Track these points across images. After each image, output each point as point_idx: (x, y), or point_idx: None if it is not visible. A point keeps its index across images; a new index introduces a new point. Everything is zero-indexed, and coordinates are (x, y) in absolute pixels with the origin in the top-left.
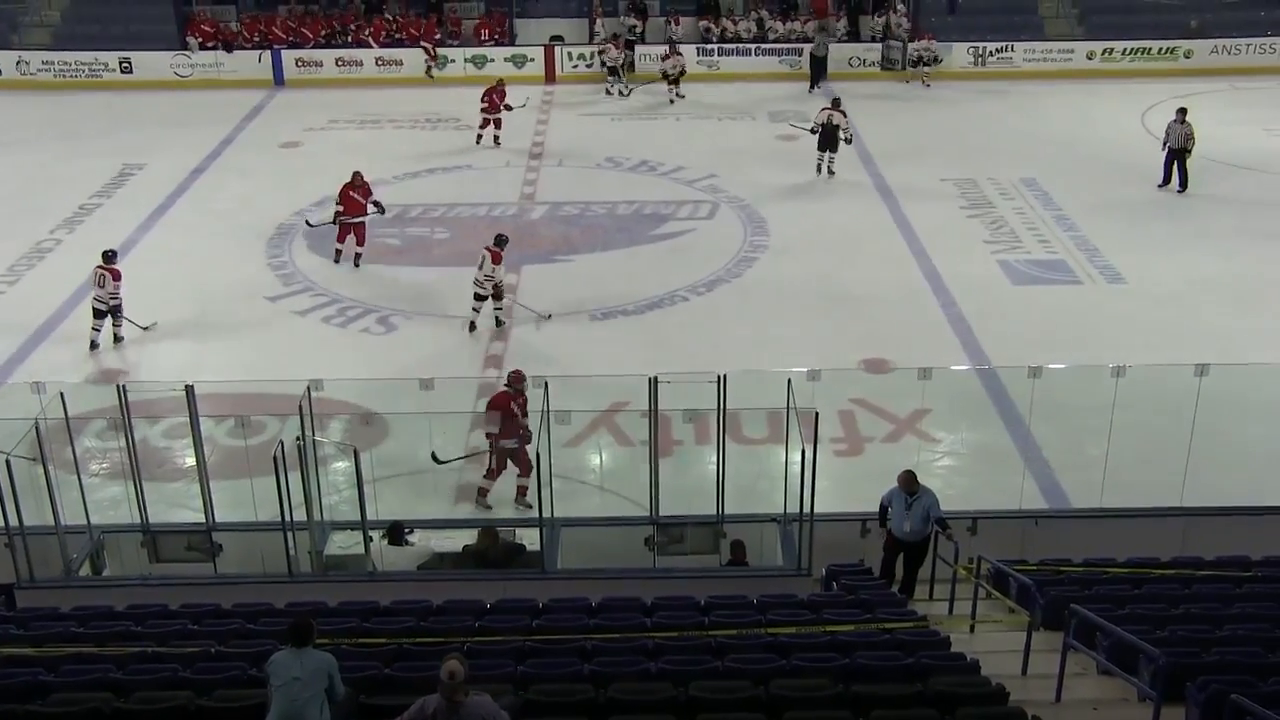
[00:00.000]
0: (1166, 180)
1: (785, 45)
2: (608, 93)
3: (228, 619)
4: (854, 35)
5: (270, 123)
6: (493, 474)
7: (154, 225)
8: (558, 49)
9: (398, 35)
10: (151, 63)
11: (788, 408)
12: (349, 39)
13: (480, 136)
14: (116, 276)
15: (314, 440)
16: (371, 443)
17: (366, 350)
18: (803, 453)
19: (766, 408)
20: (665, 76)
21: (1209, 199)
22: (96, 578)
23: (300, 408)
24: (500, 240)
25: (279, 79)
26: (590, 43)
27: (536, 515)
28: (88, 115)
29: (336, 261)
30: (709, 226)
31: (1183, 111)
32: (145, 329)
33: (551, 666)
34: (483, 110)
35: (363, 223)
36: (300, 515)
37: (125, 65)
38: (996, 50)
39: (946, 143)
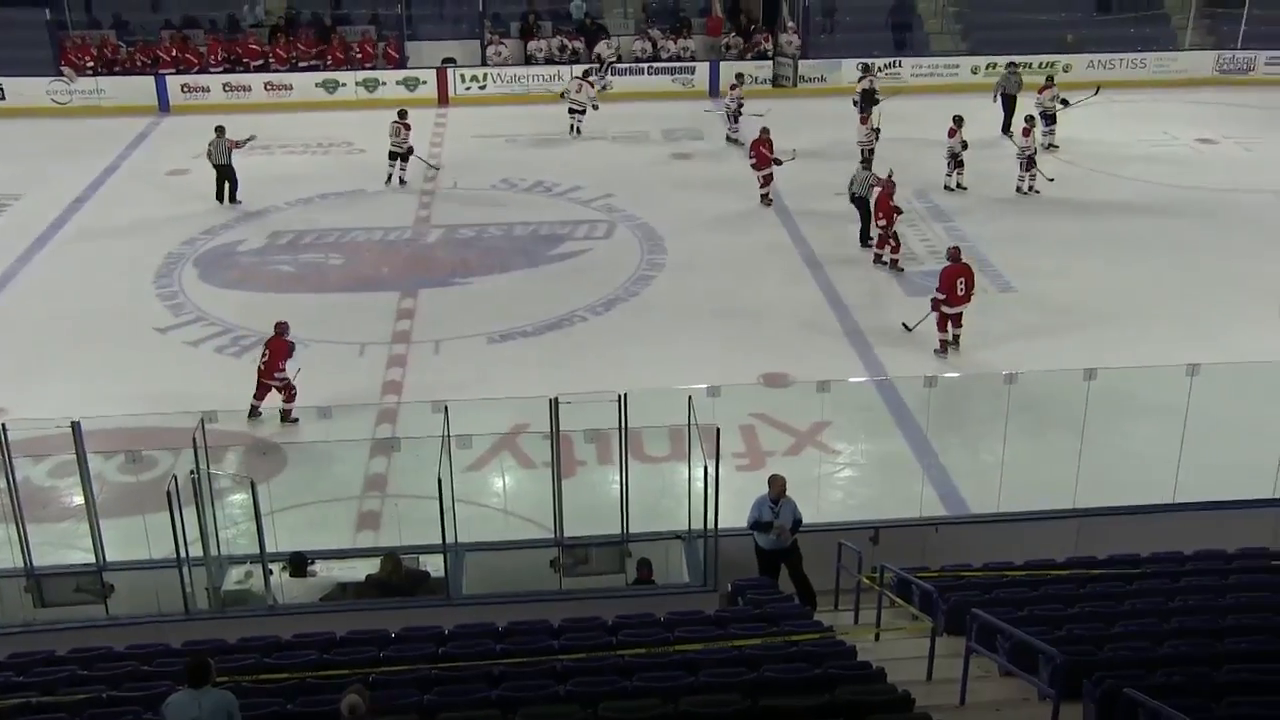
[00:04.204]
0: (1006, 130)
1: (677, 64)
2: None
3: (120, 662)
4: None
5: (156, 150)
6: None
7: (33, 258)
8: (450, 71)
9: (297, 60)
10: (27, 89)
11: (689, 424)
12: (269, 61)
13: (391, 176)
14: None
15: (209, 473)
16: (270, 474)
17: None
18: (705, 469)
19: (668, 425)
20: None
21: (1094, 207)
22: None
23: (194, 440)
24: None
25: (164, 105)
26: (484, 64)
27: (440, 541)
28: None
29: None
30: (606, 246)
31: (1013, 64)
32: None
33: (458, 694)
34: (396, 145)
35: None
36: (196, 551)
37: None
38: (884, 66)
39: (838, 159)
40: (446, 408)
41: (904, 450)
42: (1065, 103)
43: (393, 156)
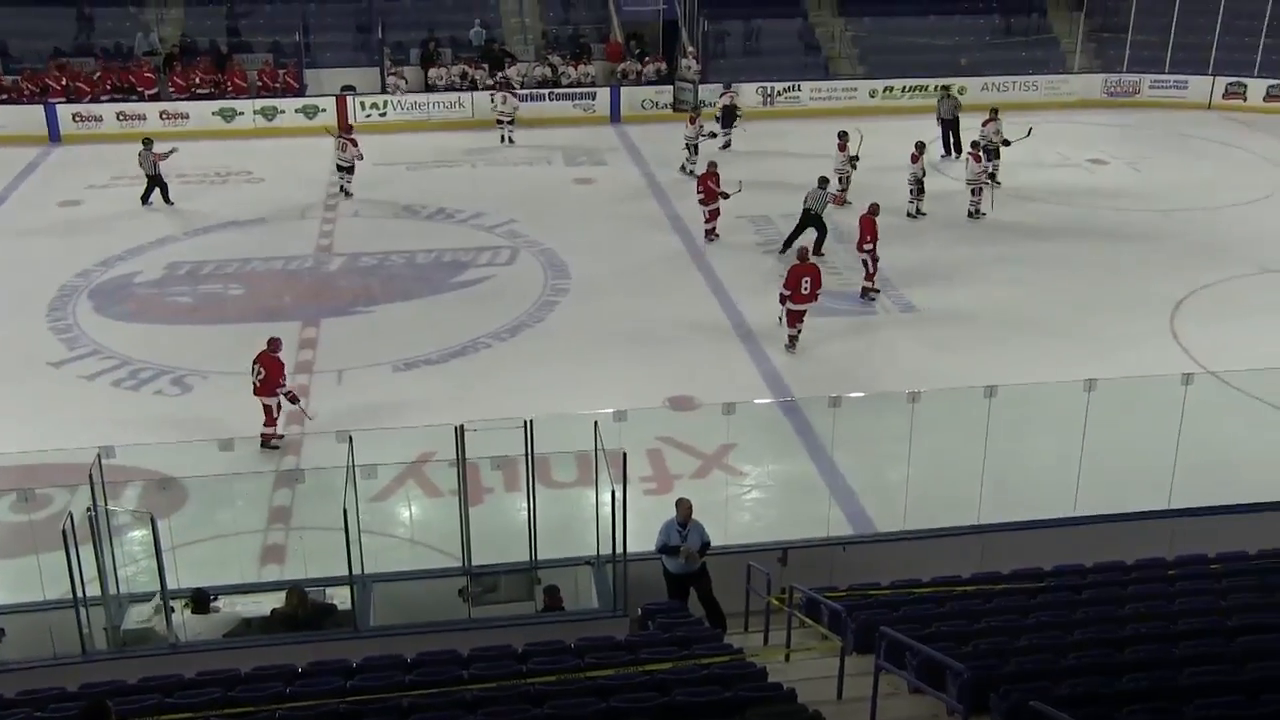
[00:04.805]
0: (947, 151)
1: (578, 90)
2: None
3: (12, 708)
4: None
5: (47, 181)
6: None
7: None
8: (350, 98)
9: (194, 88)
10: None
11: (596, 449)
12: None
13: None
14: None
15: (107, 510)
16: (170, 509)
17: (161, 413)
18: (613, 494)
19: (575, 451)
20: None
21: (995, 226)
22: None
23: (90, 476)
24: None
25: (54, 135)
26: (384, 91)
27: (346, 573)
28: None
29: None
30: (509, 272)
31: (946, 88)
32: None
33: None
34: (343, 160)
35: None
36: (94, 590)
37: None
38: (784, 90)
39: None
40: (351, 438)
41: (810, 471)
42: (1007, 142)
43: (340, 169)
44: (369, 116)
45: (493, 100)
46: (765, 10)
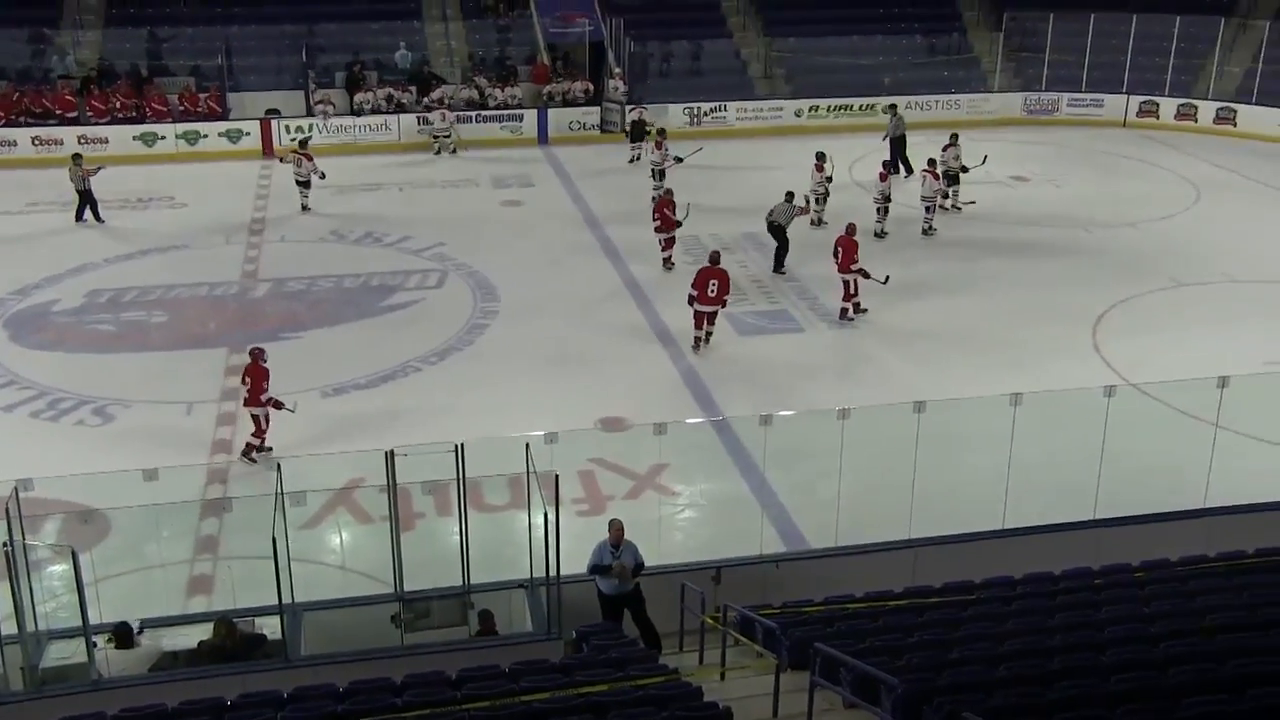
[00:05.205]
0: (896, 169)
1: (505, 112)
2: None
3: None
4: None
5: None
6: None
7: None
8: (275, 122)
9: (119, 112)
10: None
11: (528, 472)
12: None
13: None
14: None
15: (24, 544)
16: (93, 541)
17: (82, 444)
18: (545, 516)
19: (507, 473)
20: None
21: (915, 244)
22: None
23: (6, 510)
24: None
25: None
26: (309, 114)
27: (276, 602)
28: None
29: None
30: (438, 295)
31: (894, 107)
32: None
33: None
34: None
35: None
36: (10, 628)
37: None
38: (710, 110)
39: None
40: (279, 465)
41: (743, 489)
42: (965, 168)
43: (297, 184)
44: (294, 140)
45: (429, 120)
46: (691, 31)
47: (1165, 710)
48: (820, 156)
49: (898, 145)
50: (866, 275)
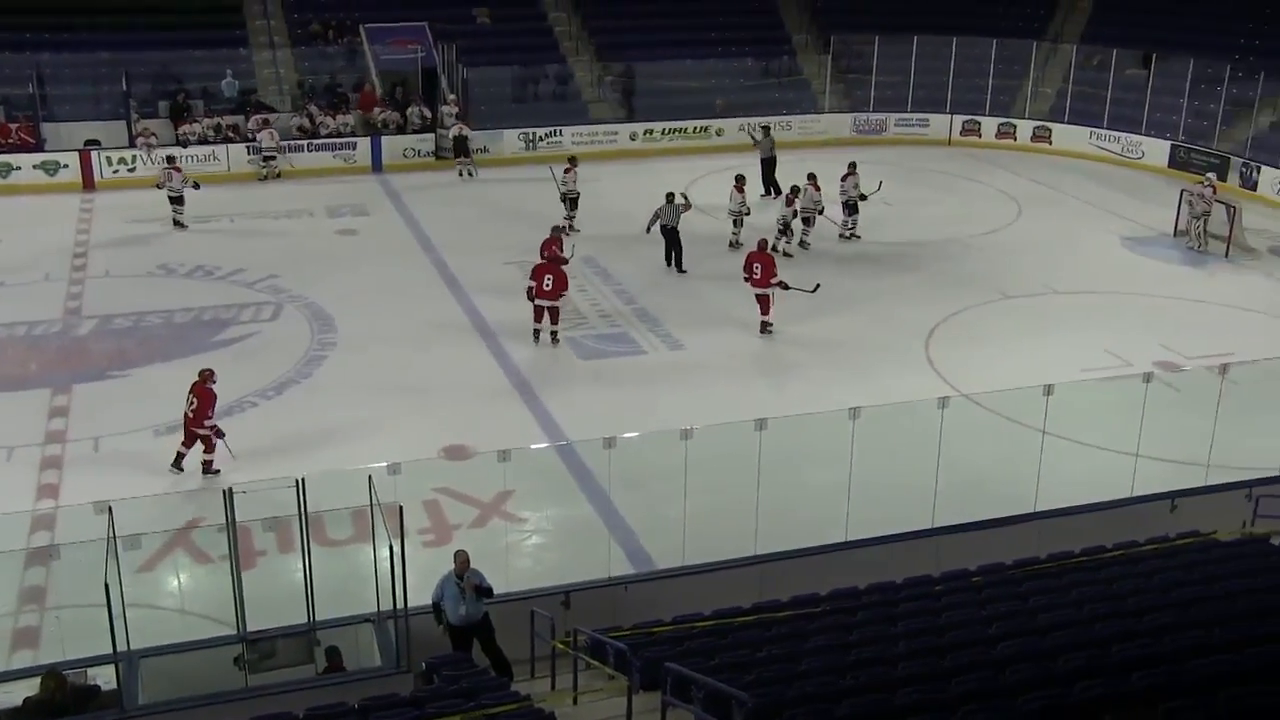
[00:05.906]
0: (766, 190)
1: (338, 140)
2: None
3: None
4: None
5: None
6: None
7: None
8: (95, 154)
9: None
10: None
11: (371, 504)
12: None
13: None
14: None
15: None
16: None
17: None
18: (390, 548)
19: (350, 507)
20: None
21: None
22: None
23: None
24: None
25: None
26: (131, 145)
27: (111, 651)
28: None
29: None
30: (273, 328)
31: (766, 128)
32: None
33: None
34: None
35: None
36: None
37: None
38: (545, 135)
39: (505, 228)
40: (111, 508)
41: (589, 512)
42: (863, 196)
43: (170, 200)
44: (116, 172)
45: (256, 139)
46: (525, 57)
47: (1004, 708)
48: (739, 179)
49: (767, 166)
50: (787, 287)
